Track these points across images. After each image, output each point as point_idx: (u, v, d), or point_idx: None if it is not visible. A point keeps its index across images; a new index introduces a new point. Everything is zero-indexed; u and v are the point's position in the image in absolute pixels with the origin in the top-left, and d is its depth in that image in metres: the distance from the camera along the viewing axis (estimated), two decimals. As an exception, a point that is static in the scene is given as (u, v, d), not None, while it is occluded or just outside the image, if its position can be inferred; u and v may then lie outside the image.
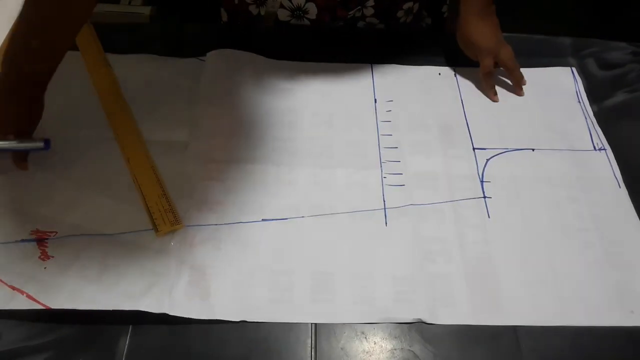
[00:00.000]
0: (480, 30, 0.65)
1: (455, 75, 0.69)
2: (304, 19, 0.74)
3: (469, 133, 0.63)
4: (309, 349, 0.47)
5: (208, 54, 0.68)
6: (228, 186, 0.57)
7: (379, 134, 0.62)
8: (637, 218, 0.56)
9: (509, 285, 0.51)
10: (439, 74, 0.69)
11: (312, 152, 0.60)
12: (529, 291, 0.51)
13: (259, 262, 0.52)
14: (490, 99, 0.66)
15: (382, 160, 0.60)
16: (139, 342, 0.47)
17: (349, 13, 0.73)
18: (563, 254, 0.53)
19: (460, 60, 0.69)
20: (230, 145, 0.60)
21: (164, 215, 0.53)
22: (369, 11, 0.73)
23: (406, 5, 0.75)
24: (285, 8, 0.73)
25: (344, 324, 0.49)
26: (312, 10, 0.72)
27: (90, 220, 0.53)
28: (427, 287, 0.51)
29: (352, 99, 0.66)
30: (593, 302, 0.50)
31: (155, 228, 0.52)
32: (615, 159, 0.61)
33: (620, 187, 0.58)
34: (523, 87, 0.67)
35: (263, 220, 0.55)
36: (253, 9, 0.75)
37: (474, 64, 0.68)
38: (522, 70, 0.67)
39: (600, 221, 0.55)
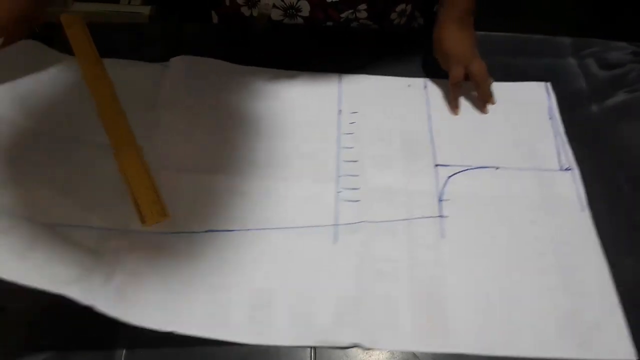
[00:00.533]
0: (455, 38, 0.64)
1: (425, 87, 0.67)
2: (297, 17, 0.74)
3: (433, 148, 0.61)
4: (309, 349, 0.47)
5: (172, 60, 0.66)
6: (178, 195, 0.55)
7: (340, 146, 0.60)
8: (598, 243, 0.53)
9: (456, 310, 0.48)
10: (409, 85, 0.67)
11: (269, 163, 0.58)
12: (477, 317, 0.48)
13: (197, 275, 0.50)
14: (452, 111, 0.64)
15: (339, 174, 0.58)
16: (139, 343, 0.47)
17: (341, 15, 0.73)
18: (517, 279, 0.51)
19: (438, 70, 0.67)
20: (185, 154, 0.58)
21: (151, 206, 0.52)
22: (362, 14, 0.73)
23: (399, 8, 0.74)
24: (277, 7, 0.73)
25: None
26: (305, 7, 0.72)
27: (25, 205, 0.51)
28: (369, 309, 0.48)
29: (316, 109, 0.64)
30: (543, 331, 0.48)
31: (142, 219, 0.52)
32: (616, 159, 0.61)
33: (583, 210, 0.56)
34: (492, 104, 0.65)
35: (208, 231, 0.53)
36: (245, 10, 0.75)
37: (447, 76, 0.66)
38: (495, 84, 0.65)
39: (559, 245, 0.53)
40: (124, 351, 0.46)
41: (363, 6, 0.72)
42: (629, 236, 0.55)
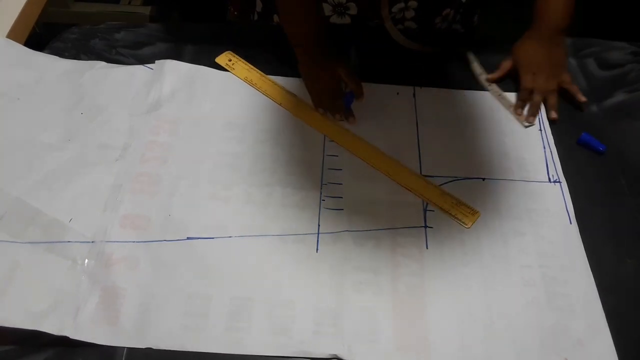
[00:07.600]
0: (537, 53, 0.64)
1: (414, 96, 0.66)
2: (345, 16, 0.73)
3: (419, 158, 0.60)
4: None
5: (156, 62, 0.66)
6: (157, 200, 0.54)
7: (325, 154, 0.59)
8: (584, 256, 0.53)
9: (438, 322, 0.48)
10: (397, 93, 0.66)
11: (253, 169, 0.57)
12: (459, 330, 0.47)
13: (176, 285, 0.49)
14: (518, 118, 0.64)
15: (323, 182, 0.57)
16: (139, 342, 0.47)
17: (392, 10, 0.71)
18: (501, 291, 0.50)
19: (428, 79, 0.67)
20: (168, 159, 0.58)
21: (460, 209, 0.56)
22: (410, 13, 0.72)
23: (445, 11, 0.74)
24: (327, 3, 0.72)
25: None
26: (352, 7, 0.71)
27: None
28: (350, 320, 0.47)
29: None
30: (525, 345, 0.47)
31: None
32: (615, 160, 0.61)
33: (571, 222, 0.55)
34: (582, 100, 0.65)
35: (188, 238, 0.51)
36: None
37: (435, 85, 0.66)
38: (483, 94, 0.66)
39: (545, 258, 0.52)
40: (125, 350, 0.46)
41: (413, 4, 0.70)
42: (630, 237, 0.55)
